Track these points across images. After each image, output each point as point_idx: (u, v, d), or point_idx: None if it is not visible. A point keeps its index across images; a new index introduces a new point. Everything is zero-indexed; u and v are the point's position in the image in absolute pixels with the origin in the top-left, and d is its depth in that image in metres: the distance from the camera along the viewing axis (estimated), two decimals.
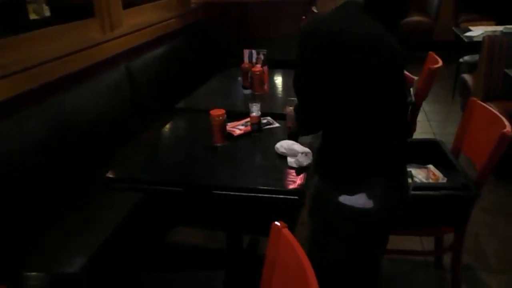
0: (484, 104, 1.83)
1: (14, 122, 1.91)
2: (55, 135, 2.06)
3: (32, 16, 2.85)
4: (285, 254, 1.08)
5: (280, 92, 2.62)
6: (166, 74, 3.15)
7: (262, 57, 2.45)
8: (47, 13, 2.90)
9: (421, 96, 2.59)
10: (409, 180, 1.84)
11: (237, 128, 1.93)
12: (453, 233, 1.78)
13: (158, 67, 3.08)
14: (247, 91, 2.46)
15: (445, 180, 1.83)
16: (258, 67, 2.42)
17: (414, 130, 2.67)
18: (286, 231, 1.09)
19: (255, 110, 1.90)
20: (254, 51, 2.46)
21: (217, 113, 1.80)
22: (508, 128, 1.57)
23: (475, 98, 1.88)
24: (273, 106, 2.31)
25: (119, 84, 2.62)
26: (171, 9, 3.66)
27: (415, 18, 5.52)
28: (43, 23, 2.49)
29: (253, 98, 2.39)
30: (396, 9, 1.44)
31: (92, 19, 2.64)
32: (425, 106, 4.03)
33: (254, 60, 2.46)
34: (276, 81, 2.76)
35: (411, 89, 2.67)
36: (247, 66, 2.43)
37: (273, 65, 2.83)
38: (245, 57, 2.48)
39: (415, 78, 2.67)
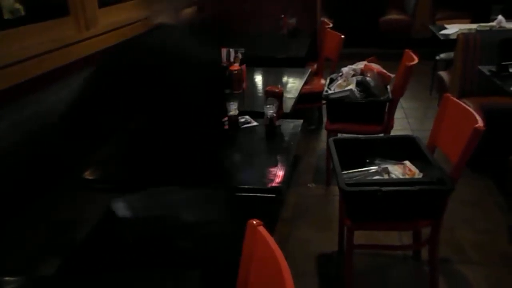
0: (457, 100, 1.86)
1: None
2: (30, 135, 2.02)
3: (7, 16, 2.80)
4: (261, 252, 1.08)
5: (259, 90, 2.62)
6: None
7: (239, 55, 2.45)
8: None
9: (398, 93, 2.62)
10: (385, 175, 1.87)
11: None
12: (430, 226, 1.81)
13: None
14: (226, 90, 2.46)
15: (421, 175, 1.86)
16: (236, 65, 2.42)
17: (391, 126, 2.70)
18: (261, 228, 1.10)
19: (232, 108, 1.90)
20: (231, 50, 2.45)
21: None
22: (480, 123, 1.60)
23: (449, 94, 1.92)
24: (252, 104, 2.32)
25: None
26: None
27: (393, 15, 5.60)
28: (18, 22, 2.44)
29: (231, 97, 2.40)
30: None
31: (66, 18, 2.60)
32: (404, 103, 4.09)
33: (231, 59, 2.46)
34: (255, 79, 2.77)
35: (388, 86, 2.71)
36: (224, 65, 2.42)
37: (252, 62, 2.84)
38: (222, 56, 2.47)
39: (392, 75, 2.71)
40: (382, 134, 2.61)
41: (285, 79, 2.74)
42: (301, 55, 3.24)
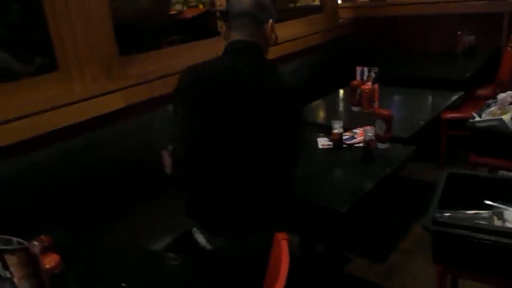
0: None
1: (142, 122, 2.29)
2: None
3: None
4: (276, 264, 1.15)
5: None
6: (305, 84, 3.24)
7: (373, 74, 2.42)
8: None
9: None
10: (496, 221, 1.62)
11: (324, 141, 2.00)
12: None
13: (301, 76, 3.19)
14: (356, 108, 2.46)
15: None
16: (368, 84, 2.40)
17: None
18: (283, 242, 1.16)
19: (337, 127, 1.93)
20: (366, 69, 2.45)
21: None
22: None
23: None
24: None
25: None
26: (317, 24, 3.81)
27: None
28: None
29: (361, 115, 2.40)
30: None
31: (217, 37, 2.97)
32: None
33: (365, 77, 2.45)
34: (391, 99, 2.65)
35: None
36: (356, 83, 2.43)
37: (406, 82, 2.75)
38: (357, 74, 2.49)
39: None
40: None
41: (422, 102, 2.56)
42: (462, 78, 2.93)
